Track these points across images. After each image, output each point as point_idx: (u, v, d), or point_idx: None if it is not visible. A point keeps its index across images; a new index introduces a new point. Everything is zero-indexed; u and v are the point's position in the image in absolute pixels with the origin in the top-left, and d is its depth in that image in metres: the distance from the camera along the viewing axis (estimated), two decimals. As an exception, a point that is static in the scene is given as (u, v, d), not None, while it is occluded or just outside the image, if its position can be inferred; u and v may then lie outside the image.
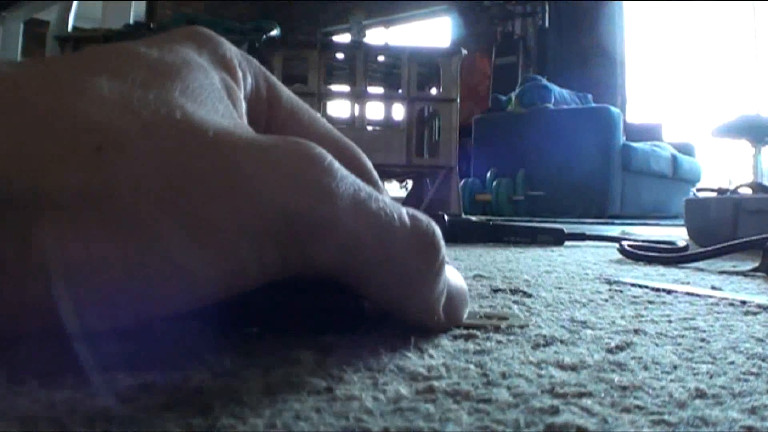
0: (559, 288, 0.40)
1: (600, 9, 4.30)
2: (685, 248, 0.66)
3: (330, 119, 1.60)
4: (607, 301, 0.35)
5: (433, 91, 2.13)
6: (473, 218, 1.10)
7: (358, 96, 1.97)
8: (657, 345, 0.24)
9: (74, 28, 1.98)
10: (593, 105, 3.66)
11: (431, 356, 0.20)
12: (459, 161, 2.10)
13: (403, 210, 0.21)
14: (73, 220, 0.16)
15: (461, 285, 0.25)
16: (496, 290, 0.38)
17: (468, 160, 3.50)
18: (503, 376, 0.19)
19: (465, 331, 0.24)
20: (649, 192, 3.46)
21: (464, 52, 2.01)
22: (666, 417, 0.15)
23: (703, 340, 0.25)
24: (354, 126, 1.95)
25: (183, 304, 0.18)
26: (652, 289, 0.40)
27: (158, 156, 0.17)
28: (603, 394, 0.17)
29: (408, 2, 5.09)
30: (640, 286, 0.41)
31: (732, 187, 0.90)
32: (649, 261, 0.61)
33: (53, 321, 0.17)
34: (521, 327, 0.26)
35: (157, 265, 0.17)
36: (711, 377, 0.19)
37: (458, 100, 2.02)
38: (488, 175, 3.46)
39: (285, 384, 0.17)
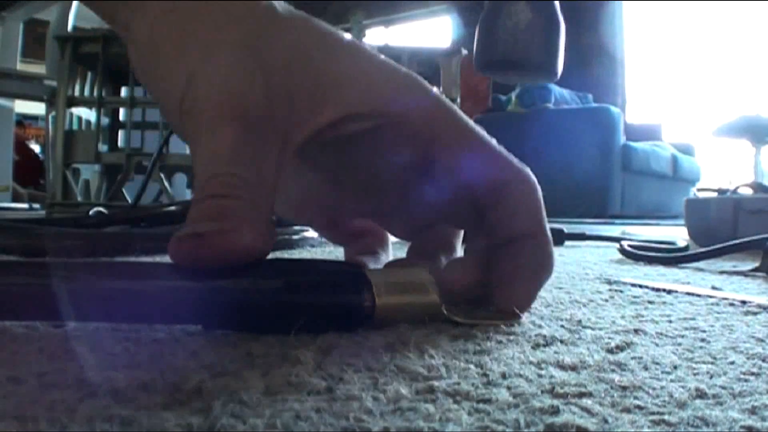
0: (559, 288, 0.40)
1: (600, 9, 4.30)
2: (685, 248, 0.66)
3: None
4: (607, 301, 0.35)
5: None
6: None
7: (358, 96, 1.97)
8: (657, 345, 0.24)
9: (74, 28, 1.98)
10: (593, 105, 3.66)
11: (431, 356, 0.20)
12: (459, 161, 2.10)
13: None
14: None
15: None
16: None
17: (468, 160, 3.48)
18: (503, 376, 0.19)
19: (465, 331, 0.24)
20: (649, 192, 3.46)
21: (464, 52, 2.01)
22: (666, 417, 0.15)
23: (703, 340, 0.25)
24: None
25: None
26: (652, 289, 0.40)
27: None
28: (603, 394, 0.17)
29: (408, 2, 5.09)
30: (640, 286, 0.41)
31: (732, 187, 0.89)
32: (649, 261, 0.61)
33: None
34: (521, 326, 0.26)
35: None
36: (711, 377, 0.19)
37: (458, 100, 2.02)
38: (488, 175, 3.44)
39: (285, 384, 0.17)
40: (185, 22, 0.25)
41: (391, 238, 0.35)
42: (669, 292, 0.39)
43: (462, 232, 0.32)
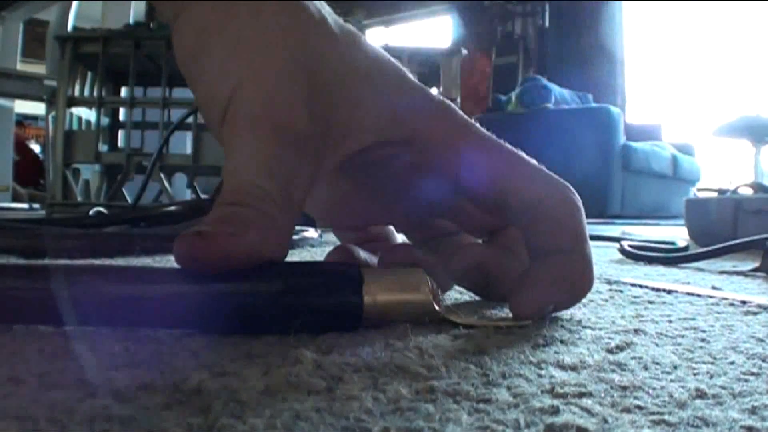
0: (559, 288, 0.40)
1: (600, 9, 4.30)
2: (685, 248, 0.66)
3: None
4: (607, 301, 0.35)
5: (434, 90, 2.13)
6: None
7: (358, 96, 1.96)
8: (657, 345, 0.24)
9: (74, 28, 1.98)
10: (593, 105, 3.66)
11: (431, 356, 0.20)
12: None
13: None
14: None
15: None
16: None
17: (468, 160, 3.48)
18: (503, 376, 0.19)
19: (465, 331, 0.24)
20: (649, 192, 3.46)
21: (464, 52, 2.01)
22: (666, 417, 0.15)
23: (703, 340, 0.25)
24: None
25: None
26: (652, 289, 0.40)
27: None
28: (603, 394, 0.17)
29: (408, 2, 5.09)
30: (640, 286, 0.41)
31: (732, 187, 0.89)
32: (649, 261, 0.61)
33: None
34: (521, 327, 0.26)
35: None
36: (711, 377, 0.19)
37: (458, 100, 2.02)
38: (488, 175, 3.44)
39: (285, 384, 0.17)
40: (237, 28, 0.25)
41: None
42: (669, 292, 0.39)
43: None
